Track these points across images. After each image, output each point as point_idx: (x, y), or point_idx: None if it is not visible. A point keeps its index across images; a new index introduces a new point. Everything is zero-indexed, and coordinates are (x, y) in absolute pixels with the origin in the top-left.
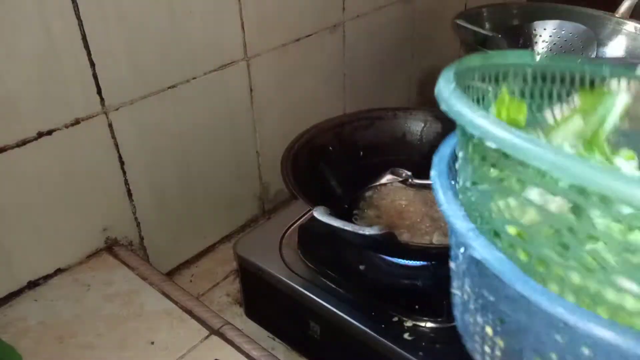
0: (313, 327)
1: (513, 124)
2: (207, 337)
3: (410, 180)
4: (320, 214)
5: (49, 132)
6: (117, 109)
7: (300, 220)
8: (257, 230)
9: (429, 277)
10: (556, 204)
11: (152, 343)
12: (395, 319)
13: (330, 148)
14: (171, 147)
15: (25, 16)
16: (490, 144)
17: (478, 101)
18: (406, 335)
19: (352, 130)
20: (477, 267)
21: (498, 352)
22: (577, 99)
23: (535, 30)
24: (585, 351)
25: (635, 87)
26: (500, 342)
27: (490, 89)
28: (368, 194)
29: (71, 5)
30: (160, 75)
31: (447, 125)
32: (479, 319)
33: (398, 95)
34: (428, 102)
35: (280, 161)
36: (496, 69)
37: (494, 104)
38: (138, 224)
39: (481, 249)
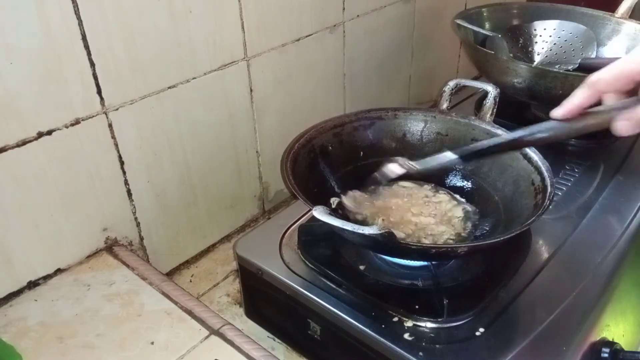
0: (313, 327)
1: None
2: (207, 337)
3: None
4: (320, 214)
5: (49, 132)
6: (117, 109)
7: (300, 220)
8: (257, 230)
9: (429, 277)
10: None
11: (152, 343)
12: (395, 319)
13: (330, 148)
14: (171, 147)
15: (25, 16)
16: None
17: None
18: (406, 335)
19: (352, 130)
20: None
21: None
22: None
23: (535, 30)
24: None
25: None
26: None
27: None
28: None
29: (71, 5)
30: (160, 75)
31: (447, 125)
32: None
33: (398, 95)
34: (428, 102)
35: (280, 161)
36: None
37: None
38: (138, 224)
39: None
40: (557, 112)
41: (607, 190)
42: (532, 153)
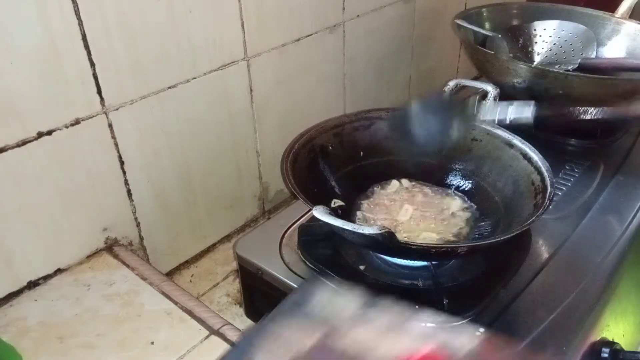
0: None
1: None
2: (207, 337)
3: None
4: (320, 214)
5: (49, 132)
6: (117, 109)
7: (300, 220)
8: (257, 230)
9: (429, 277)
10: None
11: (152, 343)
12: None
13: (330, 148)
14: (171, 147)
15: (25, 16)
16: None
17: None
18: None
19: (352, 130)
20: None
21: None
22: None
23: (535, 30)
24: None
25: None
26: None
27: None
28: (370, 191)
29: (71, 5)
30: (160, 75)
31: None
32: None
33: (398, 95)
34: None
35: (280, 161)
36: None
37: None
38: (138, 224)
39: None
40: None
41: (607, 190)
42: (532, 153)
